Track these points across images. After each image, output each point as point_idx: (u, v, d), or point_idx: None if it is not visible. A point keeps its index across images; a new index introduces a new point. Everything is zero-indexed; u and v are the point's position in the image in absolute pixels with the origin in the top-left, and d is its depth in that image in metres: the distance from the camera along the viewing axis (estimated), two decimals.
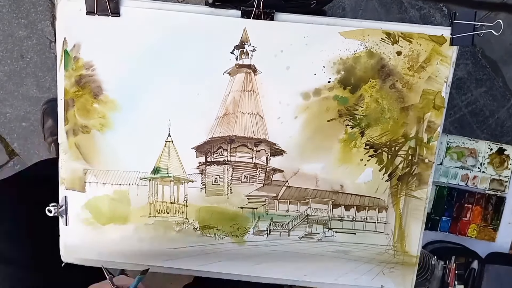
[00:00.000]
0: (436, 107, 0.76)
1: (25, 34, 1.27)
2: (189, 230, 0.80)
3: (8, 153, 1.34)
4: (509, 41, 1.22)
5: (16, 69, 1.29)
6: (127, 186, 0.79)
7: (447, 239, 1.02)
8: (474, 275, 0.96)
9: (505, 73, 1.24)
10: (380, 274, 0.82)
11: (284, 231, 0.81)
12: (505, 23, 1.12)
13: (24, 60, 1.29)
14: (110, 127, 0.77)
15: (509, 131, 1.28)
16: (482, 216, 1.00)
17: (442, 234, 1.02)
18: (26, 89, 1.30)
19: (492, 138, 1.27)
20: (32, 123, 1.32)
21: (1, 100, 1.31)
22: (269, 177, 0.79)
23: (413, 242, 0.81)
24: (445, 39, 0.74)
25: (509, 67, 1.22)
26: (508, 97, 1.27)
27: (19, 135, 1.33)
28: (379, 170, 0.79)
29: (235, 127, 0.77)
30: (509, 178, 0.98)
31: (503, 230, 1.00)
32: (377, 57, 0.74)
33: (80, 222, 0.80)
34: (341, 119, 0.77)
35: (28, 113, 1.31)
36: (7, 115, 1.32)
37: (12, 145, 1.34)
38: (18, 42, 1.28)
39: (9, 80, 1.30)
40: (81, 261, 0.81)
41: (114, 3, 0.72)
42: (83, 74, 0.75)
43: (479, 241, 1.01)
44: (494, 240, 1.01)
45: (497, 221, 1.00)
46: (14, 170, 1.35)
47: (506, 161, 0.97)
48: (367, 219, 0.81)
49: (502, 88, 1.27)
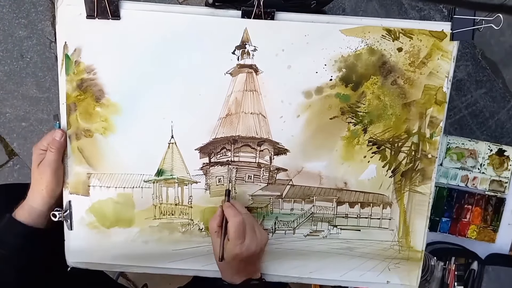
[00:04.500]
0: (438, 102, 0.77)
1: (25, 34, 1.27)
2: (194, 231, 0.80)
3: (7, 153, 1.34)
4: (509, 42, 1.22)
5: (16, 69, 1.29)
6: (131, 189, 0.79)
7: (447, 240, 1.02)
8: (473, 276, 0.96)
9: (505, 75, 1.25)
10: (386, 270, 0.83)
11: (289, 230, 0.81)
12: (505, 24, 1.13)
13: (24, 60, 1.28)
14: (112, 130, 0.76)
15: (509, 132, 1.29)
16: (482, 217, 1.00)
17: (442, 235, 1.02)
18: (26, 89, 1.30)
19: (492, 139, 1.28)
20: (32, 123, 1.32)
21: (1, 100, 1.31)
22: (273, 176, 0.79)
23: (418, 237, 0.81)
24: (446, 35, 0.74)
25: (509, 68, 1.23)
26: (508, 98, 1.28)
27: (18, 135, 1.33)
28: (382, 167, 0.79)
29: (238, 127, 0.77)
30: (509, 179, 0.99)
31: (503, 231, 1.01)
32: (378, 54, 0.75)
33: (85, 226, 0.80)
34: (343, 117, 0.77)
35: (28, 113, 1.31)
36: (7, 115, 1.32)
37: (12, 145, 1.34)
38: (18, 42, 1.28)
39: (9, 80, 1.30)
40: (86, 265, 0.81)
41: (114, 7, 0.72)
42: (85, 78, 0.74)
43: (479, 242, 1.02)
44: (494, 241, 1.01)
45: (497, 222, 1.01)
46: (13, 170, 1.35)
47: (506, 162, 0.98)
48: (371, 215, 0.81)
49: (502, 90, 1.28)
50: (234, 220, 0.71)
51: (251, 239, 0.71)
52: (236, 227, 0.70)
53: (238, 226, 0.70)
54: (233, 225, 0.70)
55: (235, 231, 0.70)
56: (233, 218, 0.71)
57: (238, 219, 0.71)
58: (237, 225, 0.70)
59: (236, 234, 0.70)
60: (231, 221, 0.71)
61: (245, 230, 0.71)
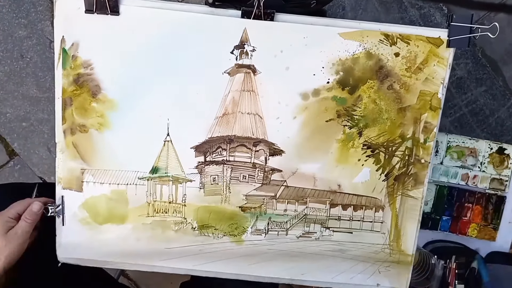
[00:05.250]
0: (433, 108, 0.77)
1: (25, 34, 1.26)
2: (187, 229, 0.80)
3: (8, 153, 1.33)
4: (509, 40, 1.24)
5: (16, 69, 1.28)
6: (125, 185, 0.78)
7: (448, 239, 1.03)
8: (474, 275, 0.96)
9: (505, 73, 1.26)
10: (376, 272, 0.83)
11: (282, 231, 0.81)
12: (505, 23, 1.14)
13: (24, 60, 1.28)
14: (108, 126, 0.76)
15: (509, 130, 1.30)
16: (482, 215, 1.01)
17: (443, 234, 1.03)
18: (26, 89, 1.29)
19: (492, 138, 1.29)
20: (32, 123, 1.31)
21: (1, 100, 1.30)
22: (267, 176, 0.79)
23: (409, 241, 0.82)
24: (442, 41, 0.75)
25: (509, 66, 1.24)
26: (508, 96, 1.29)
27: (19, 135, 1.32)
28: (376, 170, 0.80)
29: (234, 127, 0.77)
30: (509, 177, 1.00)
31: (504, 229, 1.02)
32: (376, 58, 0.75)
33: (77, 221, 0.79)
34: (339, 120, 0.77)
35: (28, 113, 1.30)
36: (7, 115, 1.31)
37: (12, 145, 1.33)
38: (18, 42, 1.27)
39: (9, 80, 1.29)
40: (77, 261, 0.81)
41: (114, 2, 0.71)
42: (81, 73, 0.74)
43: (479, 240, 1.02)
44: (494, 239, 1.02)
45: (497, 221, 1.01)
46: (14, 170, 1.34)
47: (506, 160, 0.99)
48: (364, 218, 0.82)
49: (502, 88, 1.29)
50: None
51: None
52: None
53: None
54: None
55: None
56: None
57: None
58: None
59: None
60: None
61: None
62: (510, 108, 1.26)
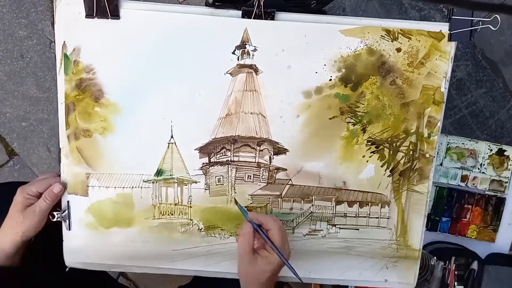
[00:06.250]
0: (436, 102, 0.77)
1: (25, 34, 1.26)
2: (194, 231, 0.80)
3: (8, 153, 1.33)
4: (509, 42, 1.23)
5: (16, 69, 1.29)
6: (130, 189, 0.78)
7: (447, 240, 1.03)
8: (474, 276, 0.96)
9: (505, 74, 1.26)
10: (384, 268, 0.83)
11: (288, 229, 0.81)
12: (505, 24, 1.14)
13: (24, 60, 1.28)
14: (112, 130, 0.76)
15: (509, 132, 1.30)
16: (482, 217, 1.01)
17: (442, 235, 1.03)
18: (26, 89, 1.29)
19: (492, 139, 1.29)
20: (32, 123, 1.31)
21: (1, 100, 1.30)
22: (272, 176, 0.79)
23: (416, 236, 0.82)
24: (444, 35, 0.75)
25: (509, 68, 1.24)
26: (508, 98, 1.28)
27: (19, 135, 1.33)
28: (381, 166, 0.80)
29: (238, 127, 0.77)
30: (509, 179, 1.00)
31: (503, 231, 1.01)
32: (377, 54, 0.75)
33: (84, 226, 0.79)
34: (342, 117, 0.77)
35: (28, 113, 1.31)
36: (7, 115, 1.31)
37: (12, 145, 1.33)
38: (18, 42, 1.27)
39: (9, 80, 1.29)
40: (85, 265, 0.81)
41: (114, 6, 0.71)
42: (84, 78, 0.74)
43: (479, 241, 1.02)
44: (494, 241, 1.02)
45: (497, 222, 1.01)
46: (13, 170, 1.34)
47: (506, 162, 0.98)
48: (370, 214, 0.82)
49: (502, 89, 1.29)
50: (276, 224, 0.67)
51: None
52: (282, 230, 0.67)
53: (282, 228, 0.67)
54: (278, 229, 0.67)
55: (282, 234, 0.67)
56: (273, 222, 0.67)
57: (279, 222, 0.67)
58: (280, 227, 0.67)
59: (284, 237, 0.67)
60: (275, 225, 0.67)
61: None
62: (510, 110, 1.26)
